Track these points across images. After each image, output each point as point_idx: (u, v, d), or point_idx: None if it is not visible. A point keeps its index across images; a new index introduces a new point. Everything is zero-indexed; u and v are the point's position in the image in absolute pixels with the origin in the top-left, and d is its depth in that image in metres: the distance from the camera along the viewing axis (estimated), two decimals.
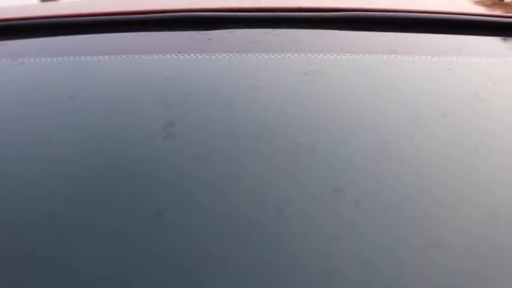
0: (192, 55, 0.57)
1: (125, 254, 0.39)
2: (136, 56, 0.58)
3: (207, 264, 0.38)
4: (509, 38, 0.63)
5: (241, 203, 0.42)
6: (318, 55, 0.57)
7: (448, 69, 0.56)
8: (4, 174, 0.46)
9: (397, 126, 0.49)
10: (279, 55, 0.57)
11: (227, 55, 0.57)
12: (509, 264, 0.38)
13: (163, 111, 0.49)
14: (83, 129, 0.49)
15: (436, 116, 0.49)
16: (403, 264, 0.38)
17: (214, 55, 0.57)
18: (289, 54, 0.57)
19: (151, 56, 0.58)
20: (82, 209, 0.42)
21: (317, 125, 0.49)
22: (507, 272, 0.38)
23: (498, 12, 0.70)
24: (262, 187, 0.43)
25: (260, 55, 0.57)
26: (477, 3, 0.82)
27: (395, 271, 0.37)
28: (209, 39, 0.62)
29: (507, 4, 0.80)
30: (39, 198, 0.43)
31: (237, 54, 0.57)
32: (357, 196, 0.41)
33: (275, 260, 0.38)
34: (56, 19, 0.66)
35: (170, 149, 0.46)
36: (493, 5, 0.79)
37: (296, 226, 0.40)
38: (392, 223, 0.40)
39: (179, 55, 0.57)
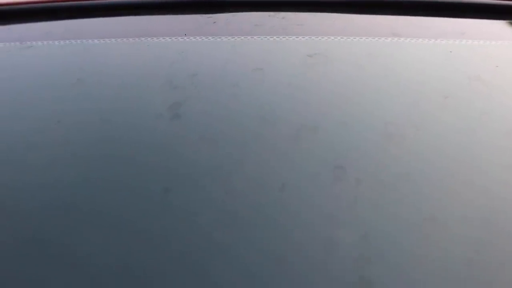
0: (197, 37, 0.58)
1: (130, 235, 0.40)
2: (143, 39, 0.58)
3: (212, 245, 0.38)
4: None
5: (245, 183, 0.43)
6: (322, 37, 0.57)
7: (450, 51, 0.56)
8: (14, 157, 0.47)
9: (399, 108, 0.49)
10: (283, 37, 0.57)
11: (232, 38, 0.58)
12: (504, 240, 0.39)
13: (169, 93, 0.50)
14: (90, 110, 0.50)
15: (438, 98, 0.50)
16: (403, 240, 0.39)
17: (220, 38, 0.58)
18: (293, 37, 0.58)
19: (157, 39, 0.58)
20: (90, 190, 0.43)
21: (320, 106, 0.49)
22: (502, 248, 0.39)
23: None
24: (266, 167, 0.44)
25: (265, 37, 0.57)
26: None
27: (395, 246, 0.38)
28: (214, 22, 0.62)
29: None
30: (48, 181, 0.44)
31: (242, 37, 0.58)
32: (359, 174, 0.42)
33: (280, 237, 0.39)
34: (63, 3, 0.67)
35: (176, 131, 0.47)
36: None
37: (301, 205, 0.41)
38: (392, 200, 0.41)
39: (185, 38, 0.58)
